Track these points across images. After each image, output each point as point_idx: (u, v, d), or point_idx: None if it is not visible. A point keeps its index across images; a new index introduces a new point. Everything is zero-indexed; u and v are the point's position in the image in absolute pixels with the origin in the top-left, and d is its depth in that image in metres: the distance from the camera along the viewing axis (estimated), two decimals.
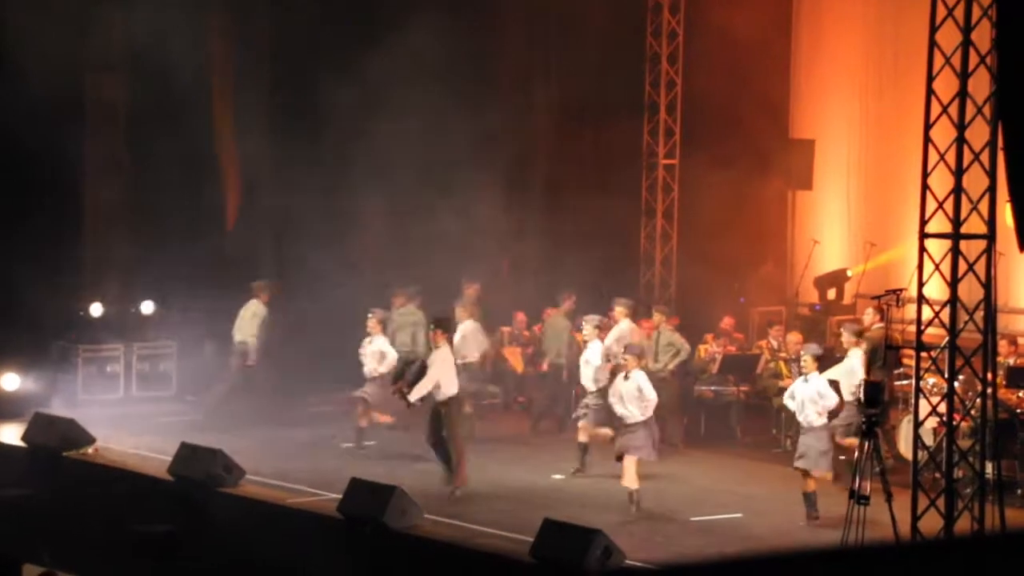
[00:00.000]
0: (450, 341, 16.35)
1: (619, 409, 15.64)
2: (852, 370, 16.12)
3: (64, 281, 20.33)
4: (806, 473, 15.03)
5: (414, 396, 15.83)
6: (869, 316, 17.61)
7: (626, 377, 15.59)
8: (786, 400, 15.66)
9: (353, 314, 18.70)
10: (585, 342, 17.12)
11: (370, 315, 17.85)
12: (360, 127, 19.96)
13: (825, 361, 17.03)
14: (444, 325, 16.32)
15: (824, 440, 15.14)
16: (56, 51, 19.21)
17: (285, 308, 19.81)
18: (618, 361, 16.23)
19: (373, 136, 19.91)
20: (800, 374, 15.68)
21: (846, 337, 16.50)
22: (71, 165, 20.63)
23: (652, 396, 15.56)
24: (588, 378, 16.82)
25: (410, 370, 16.06)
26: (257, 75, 21.23)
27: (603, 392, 16.46)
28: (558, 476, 16.66)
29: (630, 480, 15.29)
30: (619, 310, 17.86)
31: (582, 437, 16.73)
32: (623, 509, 15.30)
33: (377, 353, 17.74)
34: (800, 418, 15.28)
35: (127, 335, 20.41)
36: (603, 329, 17.12)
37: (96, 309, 20.47)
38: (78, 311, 20.49)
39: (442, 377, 15.86)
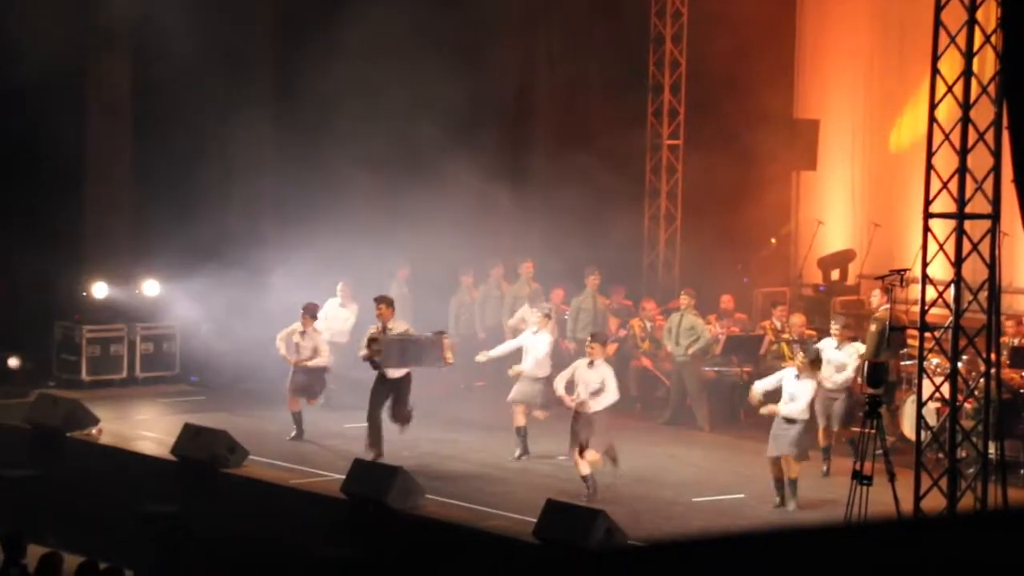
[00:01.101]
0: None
1: (575, 393, 15.34)
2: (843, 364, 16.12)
3: (67, 262, 20.33)
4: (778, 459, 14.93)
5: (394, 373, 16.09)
6: (876, 297, 17.54)
7: (591, 365, 15.42)
8: (757, 387, 15.48)
9: (355, 293, 18.71)
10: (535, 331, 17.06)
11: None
12: (359, 105, 19.92)
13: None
14: (387, 300, 16.55)
15: (798, 430, 15.01)
16: (57, 32, 19.18)
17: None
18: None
19: (371, 115, 19.87)
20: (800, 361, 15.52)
21: (835, 328, 16.46)
22: (74, 146, 20.62)
23: (614, 395, 15.32)
24: (531, 365, 16.67)
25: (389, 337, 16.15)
26: (259, 53, 21.18)
27: (547, 380, 16.43)
28: (562, 457, 16.65)
29: (586, 468, 15.15)
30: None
31: (521, 421, 16.68)
32: (626, 489, 15.29)
33: (311, 346, 17.59)
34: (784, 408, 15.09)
35: (131, 315, 20.42)
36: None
37: (99, 290, 20.47)
38: (81, 292, 20.50)
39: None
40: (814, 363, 15.14)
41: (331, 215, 19.83)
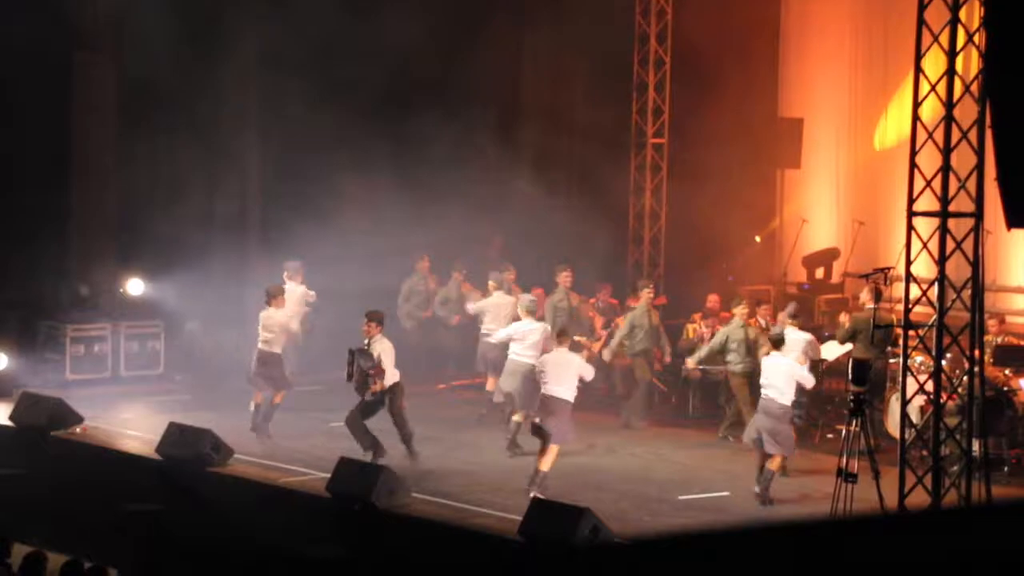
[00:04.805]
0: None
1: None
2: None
3: (52, 260, 20.29)
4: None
5: (379, 387, 15.95)
6: (864, 296, 17.38)
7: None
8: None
9: (343, 293, 18.69)
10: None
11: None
12: (346, 102, 19.92)
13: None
14: (377, 318, 16.32)
15: (786, 420, 15.06)
16: (42, 30, 19.14)
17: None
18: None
19: (358, 113, 19.87)
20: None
21: (781, 317, 16.58)
22: (58, 145, 20.57)
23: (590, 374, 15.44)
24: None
25: (362, 361, 16.01)
26: (245, 48, 21.12)
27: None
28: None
29: (547, 464, 15.11)
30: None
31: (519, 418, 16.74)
32: (612, 487, 15.31)
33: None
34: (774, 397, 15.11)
35: (115, 314, 20.38)
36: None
37: (84, 288, 20.43)
38: (66, 290, 20.45)
39: (391, 367, 16.00)
40: (776, 342, 15.21)
41: (320, 213, 19.81)
